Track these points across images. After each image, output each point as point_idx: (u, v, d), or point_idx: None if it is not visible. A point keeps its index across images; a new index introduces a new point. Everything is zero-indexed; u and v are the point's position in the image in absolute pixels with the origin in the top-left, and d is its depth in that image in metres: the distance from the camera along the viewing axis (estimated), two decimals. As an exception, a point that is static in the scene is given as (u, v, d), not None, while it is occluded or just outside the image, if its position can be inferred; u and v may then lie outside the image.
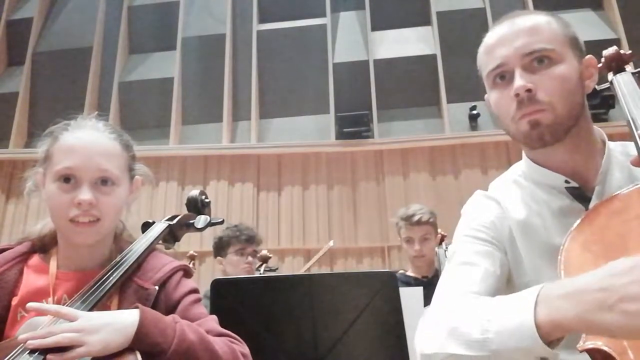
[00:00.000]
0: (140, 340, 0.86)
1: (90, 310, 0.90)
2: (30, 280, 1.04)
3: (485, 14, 6.14)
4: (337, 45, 6.41)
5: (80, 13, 6.85)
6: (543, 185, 0.96)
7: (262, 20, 6.67)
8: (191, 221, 1.26)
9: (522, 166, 1.02)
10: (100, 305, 0.94)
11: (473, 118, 5.85)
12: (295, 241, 5.60)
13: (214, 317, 1.03)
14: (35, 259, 1.08)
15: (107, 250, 1.09)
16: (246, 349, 0.98)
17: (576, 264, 0.75)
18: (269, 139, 6.16)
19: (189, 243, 5.33)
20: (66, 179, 0.99)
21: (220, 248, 2.64)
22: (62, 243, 1.07)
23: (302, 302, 1.07)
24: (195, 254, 4.02)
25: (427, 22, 6.42)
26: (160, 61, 6.58)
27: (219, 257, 2.66)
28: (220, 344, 0.93)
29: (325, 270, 5.34)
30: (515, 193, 1.00)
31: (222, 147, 6.03)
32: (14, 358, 0.81)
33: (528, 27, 0.93)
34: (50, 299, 1.00)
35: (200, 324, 0.96)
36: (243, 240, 2.57)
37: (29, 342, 0.81)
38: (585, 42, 1.09)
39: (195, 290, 1.07)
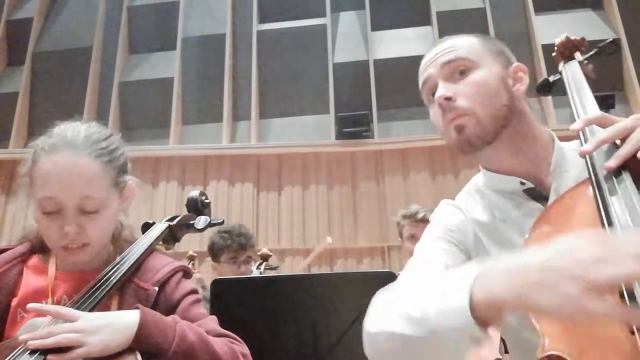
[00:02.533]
0: (141, 340, 0.86)
1: (91, 311, 0.91)
2: (30, 281, 1.04)
3: (485, 14, 6.14)
4: (337, 45, 6.42)
5: (80, 13, 6.85)
6: (502, 192, 0.97)
7: (262, 20, 6.67)
8: (191, 222, 1.25)
9: (481, 176, 1.03)
10: (100, 306, 0.94)
11: (473, 118, 5.85)
12: (295, 241, 5.60)
13: (214, 317, 1.03)
14: (34, 260, 1.07)
15: (106, 252, 1.09)
16: (246, 349, 0.98)
17: None
18: (269, 139, 6.16)
19: (189, 243, 5.33)
20: (49, 212, 0.96)
21: (214, 254, 2.55)
22: (56, 251, 1.07)
23: (302, 302, 1.07)
24: (195, 255, 4.01)
25: (427, 22, 6.42)
26: (160, 61, 6.58)
27: (213, 263, 2.60)
28: (220, 344, 0.93)
29: (325, 270, 5.34)
30: (478, 202, 1.01)
31: (222, 147, 6.04)
32: (15, 358, 0.82)
33: (447, 45, 0.98)
34: (49, 300, 1.00)
35: (201, 325, 0.96)
36: (234, 249, 2.44)
37: (29, 342, 0.82)
38: None
39: (194, 291, 1.07)
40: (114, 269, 1.01)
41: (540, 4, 6.11)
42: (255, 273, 2.74)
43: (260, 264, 2.83)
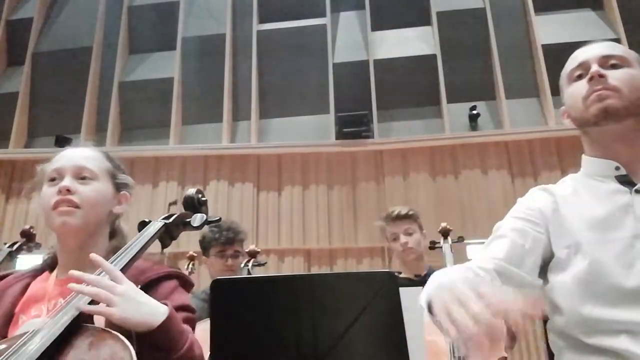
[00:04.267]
0: (157, 333, 0.87)
1: None
2: (34, 289, 1.11)
3: (485, 14, 6.14)
4: (337, 45, 6.41)
5: (80, 13, 6.85)
6: (595, 176, 1.11)
7: (262, 20, 6.67)
8: (187, 220, 1.25)
9: (580, 171, 1.17)
10: (93, 302, 0.94)
11: (473, 118, 5.84)
12: (295, 241, 5.60)
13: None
14: (45, 274, 1.16)
15: (102, 253, 1.10)
16: None
17: None
18: (269, 139, 6.16)
19: (189, 243, 5.33)
20: (53, 178, 1.13)
21: (204, 248, 2.57)
22: (58, 249, 1.14)
23: (302, 302, 1.07)
24: (195, 255, 4.00)
25: (427, 22, 6.42)
26: (160, 61, 6.58)
27: (204, 257, 2.60)
28: None
29: (325, 270, 5.34)
30: (568, 187, 1.15)
31: (222, 147, 6.03)
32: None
33: (607, 43, 1.15)
34: (45, 302, 1.05)
35: None
36: (222, 242, 2.47)
37: (70, 284, 0.87)
38: (585, 42, 1.14)
39: (189, 308, 1.08)
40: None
41: (540, 4, 6.11)
42: (244, 270, 2.73)
43: (248, 261, 2.83)
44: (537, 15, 6.08)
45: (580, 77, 1.11)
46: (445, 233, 2.53)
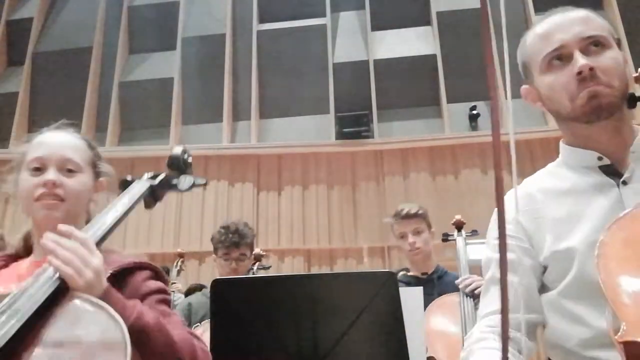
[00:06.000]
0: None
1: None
2: (8, 271, 1.09)
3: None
4: (337, 45, 6.41)
5: (80, 13, 6.84)
6: (576, 167, 1.03)
7: (262, 20, 6.67)
8: (174, 182, 1.18)
9: (557, 159, 1.10)
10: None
11: (473, 118, 5.85)
12: (295, 241, 5.60)
13: (181, 319, 1.04)
14: (20, 260, 1.14)
15: None
16: (207, 348, 0.98)
17: (616, 259, 0.77)
18: (269, 139, 6.16)
19: (189, 243, 5.33)
20: (36, 168, 1.09)
21: (214, 248, 2.60)
22: (35, 234, 1.12)
23: (302, 302, 1.07)
24: (184, 252, 4.00)
25: (427, 22, 6.42)
26: (160, 61, 6.58)
27: (214, 256, 2.65)
28: (178, 332, 0.93)
29: (325, 270, 5.34)
30: (547, 179, 1.08)
31: (222, 147, 6.03)
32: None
33: (581, 17, 1.02)
34: (16, 283, 0.99)
35: (167, 319, 0.95)
36: (227, 245, 2.48)
37: (43, 241, 0.86)
38: None
39: (163, 291, 1.05)
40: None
41: (540, 4, 6.10)
42: (248, 274, 2.74)
43: (253, 264, 2.84)
44: (537, 15, 6.07)
45: (559, 59, 1.00)
46: (459, 226, 2.52)
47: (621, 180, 0.97)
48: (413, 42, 6.30)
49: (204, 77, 6.41)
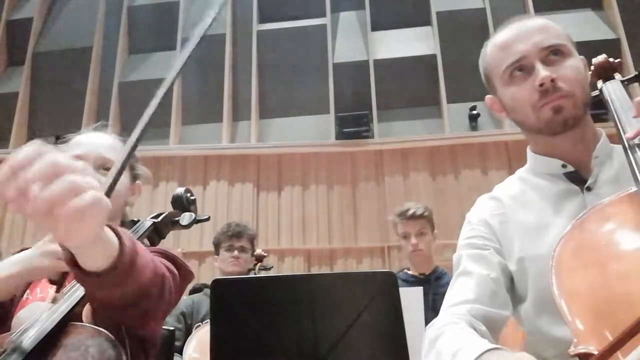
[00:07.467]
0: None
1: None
2: None
3: (485, 14, 6.14)
4: (337, 45, 6.41)
5: (80, 13, 6.85)
6: (543, 175, 1.04)
7: (262, 20, 6.67)
8: (176, 218, 1.26)
9: (526, 165, 1.11)
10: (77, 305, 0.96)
11: (473, 118, 5.85)
12: (295, 241, 5.60)
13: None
14: None
15: None
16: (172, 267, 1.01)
17: (567, 269, 0.76)
18: (269, 139, 6.16)
19: (189, 243, 5.33)
20: None
21: (216, 247, 2.72)
22: None
23: (302, 302, 1.07)
24: (184, 252, 4.03)
25: (427, 22, 6.42)
26: (160, 61, 6.58)
27: (215, 257, 2.74)
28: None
29: (325, 270, 5.34)
30: (516, 185, 1.09)
31: (222, 147, 6.04)
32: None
33: (539, 26, 1.02)
34: (52, 287, 1.05)
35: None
36: (229, 236, 2.63)
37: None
38: (585, 42, 1.12)
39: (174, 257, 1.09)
40: None
41: (540, 4, 6.11)
42: (250, 274, 2.78)
43: (255, 265, 2.86)
44: (537, 15, 6.06)
45: (520, 70, 0.99)
46: None
47: (585, 186, 0.97)
48: (413, 42, 6.30)
49: (204, 77, 6.41)
